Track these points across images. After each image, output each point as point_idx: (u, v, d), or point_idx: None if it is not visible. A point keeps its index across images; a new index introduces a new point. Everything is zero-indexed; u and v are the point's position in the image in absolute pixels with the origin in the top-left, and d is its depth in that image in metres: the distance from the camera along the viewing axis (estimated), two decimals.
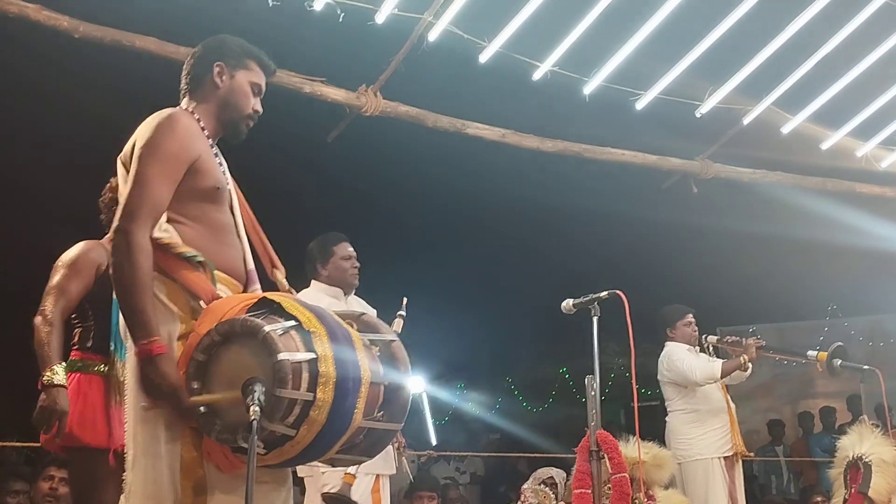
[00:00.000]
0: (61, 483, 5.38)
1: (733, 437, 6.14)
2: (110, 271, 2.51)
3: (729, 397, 6.29)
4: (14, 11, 4.88)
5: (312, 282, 4.61)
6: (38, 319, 3.53)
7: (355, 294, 4.70)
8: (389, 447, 4.49)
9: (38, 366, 3.45)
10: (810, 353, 6.19)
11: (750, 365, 6.12)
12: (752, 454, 6.50)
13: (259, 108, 2.88)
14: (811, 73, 6.39)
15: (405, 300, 4.40)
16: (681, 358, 6.10)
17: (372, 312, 4.18)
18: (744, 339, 6.19)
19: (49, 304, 3.55)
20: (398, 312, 4.33)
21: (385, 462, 4.49)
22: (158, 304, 2.50)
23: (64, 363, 3.49)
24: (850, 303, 10.75)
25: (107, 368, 3.66)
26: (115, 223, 2.49)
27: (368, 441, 2.56)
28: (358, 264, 4.65)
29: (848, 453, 5.39)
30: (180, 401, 2.40)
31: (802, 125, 7.03)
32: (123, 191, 2.56)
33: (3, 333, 9.11)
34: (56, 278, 3.63)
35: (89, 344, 3.71)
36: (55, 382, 3.38)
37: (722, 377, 6.04)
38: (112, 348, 3.65)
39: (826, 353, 6.05)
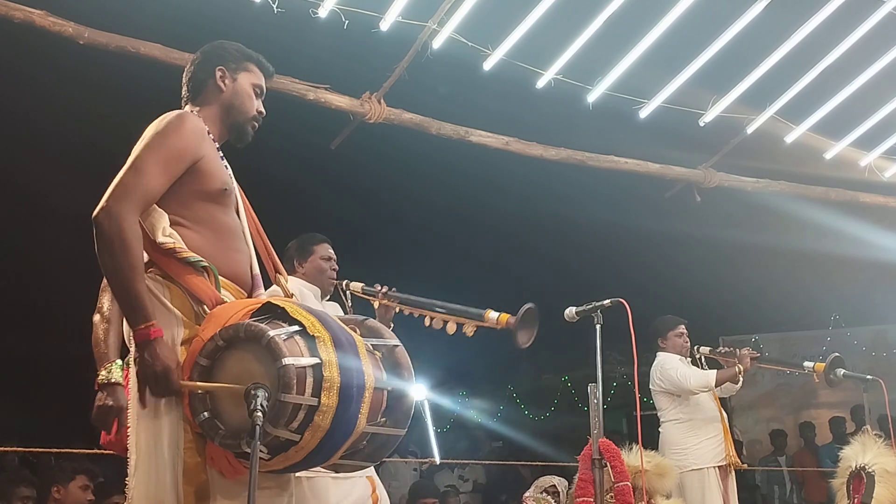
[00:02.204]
0: (93, 493, 5.45)
1: (726, 447, 6.14)
2: (98, 256, 2.46)
3: (721, 407, 6.29)
4: (19, 17, 4.89)
5: (290, 277, 4.50)
6: (96, 317, 3.45)
7: (331, 300, 4.64)
8: None
9: (96, 364, 3.38)
10: (807, 363, 6.23)
11: (741, 377, 6.15)
12: (745, 465, 6.48)
13: (262, 109, 2.90)
14: (815, 83, 6.40)
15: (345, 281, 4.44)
16: (674, 367, 6.12)
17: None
18: (737, 351, 6.20)
19: (106, 301, 3.40)
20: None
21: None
22: (162, 308, 2.51)
23: (121, 360, 3.41)
24: (853, 313, 10.73)
25: None
26: (102, 203, 2.46)
27: (372, 446, 2.56)
28: (336, 267, 4.53)
29: (851, 463, 5.39)
30: (171, 382, 2.40)
31: (806, 135, 7.04)
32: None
33: (4, 338, 9.13)
34: None
35: None
36: (112, 380, 3.23)
37: (716, 386, 6.06)
38: None
39: (823, 364, 6.07)
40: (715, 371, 6.11)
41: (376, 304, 4.27)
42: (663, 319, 6.39)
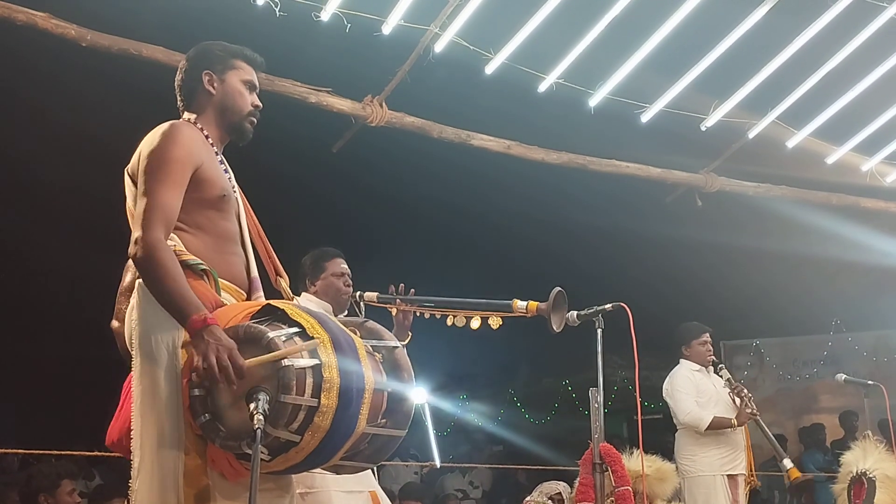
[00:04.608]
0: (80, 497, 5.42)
1: (747, 458, 6.14)
2: (146, 284, 2.49)
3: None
4: (22, 20, 4.89)
5: (303, 293, 4.38)
6: (115, 324, 3.43)
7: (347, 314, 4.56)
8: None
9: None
10: (786, 461, 6.15)
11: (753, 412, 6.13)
12: (754, 478, 6.46)
13: (258, 102, 2.89)
14: (816, 88, 6.40)
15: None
16: (679, 389, 6.10)
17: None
18: (745, 401, 6.10)
19: (125, 307, 3.45)
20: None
21: (370, 478, 4.38)
22: (163, 311, 2.51)
23: None
24: (854, 318, 10.72)
25: None
26: (133, 239, 2.49)
27: (373, 448, 2.57)
28: (350, 283, 4.38)
29: (852, 468, 5.39)
30: (237, 360, 2.32)
31: (807, 140, 7.04)
32: (133, 206, 2.57)
33: (4, 340, 9.13)
34: (128, 279, 3.52)
35: None
36: None
37: (705, 430, 6.01)
38: None
39: (797, 473, 6.08)
40: (713, 416, 6.02)
41: (394, 311, 4.19)
42: (688, 326, 6.36)
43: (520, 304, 3.88)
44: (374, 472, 4.40)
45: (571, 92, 6.13)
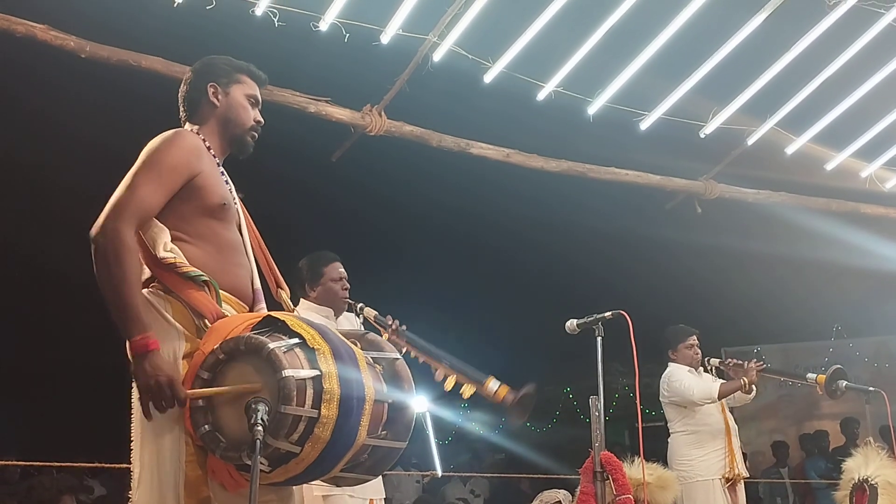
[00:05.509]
0: None
1: (730, 460, 6.13)
2: (95, 271, 2.47)
3: (731, 419, 6.28)
4: (21, 31, 4.91)
5: (301, 300, 4.41)
6: None
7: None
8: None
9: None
10: (810, 375, 6.27)
11: (754, 387, 6.14)
12: (748, 476, 6.45)
13: (260, 118, 2.92)
14: (815, 94, 6.41)
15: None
16: (679, 378, 6.13)
17: (360, 329, 4.16)
18: (745, 363, 6.20)
19: None
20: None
21: (376, 486, 4.39)
22: (163, 323, 2.51)
23: None
24: (855, 323, 10.72)
25: None
26: (101, 220, 2.48)
27: (373, 459, 2.56)
28: (348, 286, 4.45)
29: (854, 475, 5.37)
30: (176, 392, 2.37)
31: (807, 146, 7.04)
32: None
33: (7, 349, 9.12)
34: None
35: None
36: None
37: (720, 398, 6.06)
38: None
39: (825, 375, 6.10)
40: (720, 383, 6.11)
41: (385, 336, 4.21)
42: (674, 330, 6.37)
43: (492, 385, 4.03)
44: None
45: (570, 100, 6.14)
